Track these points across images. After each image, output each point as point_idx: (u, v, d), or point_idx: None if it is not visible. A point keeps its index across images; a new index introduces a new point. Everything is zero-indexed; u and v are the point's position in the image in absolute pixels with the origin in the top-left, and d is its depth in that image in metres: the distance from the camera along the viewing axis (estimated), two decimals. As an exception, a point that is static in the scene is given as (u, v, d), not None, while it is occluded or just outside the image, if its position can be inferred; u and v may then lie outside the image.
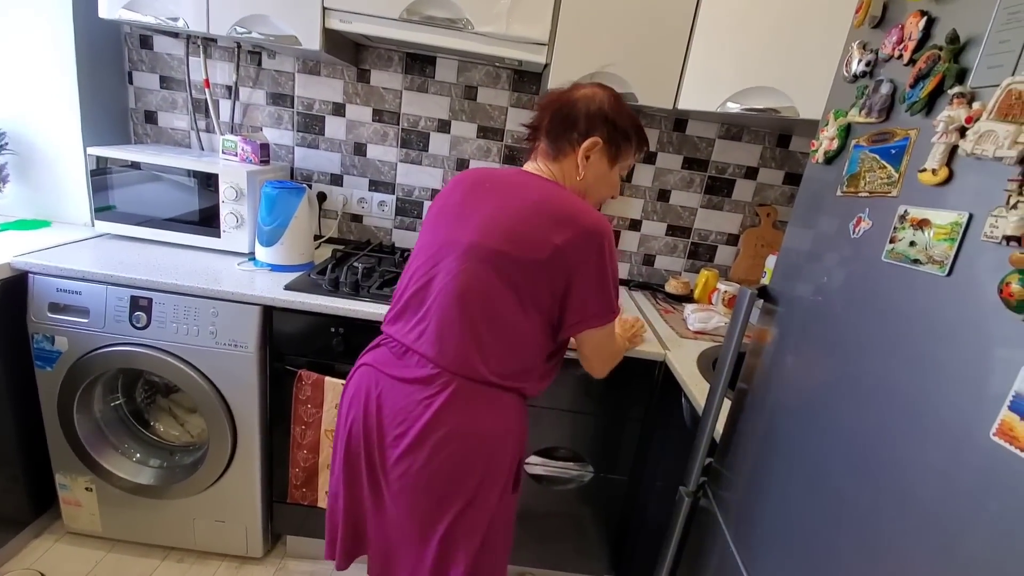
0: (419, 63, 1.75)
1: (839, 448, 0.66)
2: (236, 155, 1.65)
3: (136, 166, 1.51)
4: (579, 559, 1.59)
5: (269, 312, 1.34)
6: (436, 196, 1.03)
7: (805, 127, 1.57)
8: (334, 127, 1.82)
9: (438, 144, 1.83)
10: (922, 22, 0.62)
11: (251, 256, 1.57)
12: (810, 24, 1.28)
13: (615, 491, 1.50)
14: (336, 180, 1.87)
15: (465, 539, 0.91)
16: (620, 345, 1.11)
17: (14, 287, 1.31)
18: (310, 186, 1.86)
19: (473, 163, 1.85)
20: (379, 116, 1.81)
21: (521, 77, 1.77)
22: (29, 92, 1.56)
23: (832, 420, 0.68)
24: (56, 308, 1.32)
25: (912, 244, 0.58)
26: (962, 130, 0.54)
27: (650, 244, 1.93)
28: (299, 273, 1.50)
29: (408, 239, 1.92)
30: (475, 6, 1.37)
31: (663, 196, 1.88)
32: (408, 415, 0.87)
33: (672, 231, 1.91)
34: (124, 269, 1.33)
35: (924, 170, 0.58)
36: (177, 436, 1.58)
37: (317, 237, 1.84)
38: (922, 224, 0.57)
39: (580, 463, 1.48)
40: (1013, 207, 0.47)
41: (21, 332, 1.34)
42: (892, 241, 0.61)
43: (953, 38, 0.57)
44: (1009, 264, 0.47)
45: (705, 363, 1.29)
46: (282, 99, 1.79)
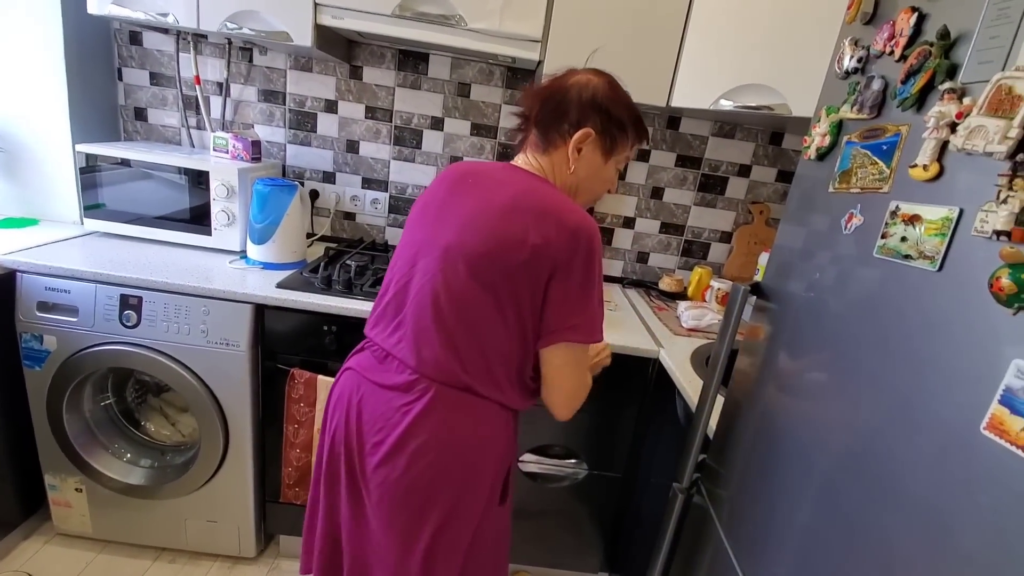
0: (412, 60, 1.74)
1: (831, 443, 0.66)
2: (227, 152, 1.63)
3: (126, 163, 1.49)
4: (574, 556, 1.59)
5: (261, 310, 1.33)
6: (422, 192, 0.96)
7: (798, 124, 1.58)
8: (326, 124, 1.81)
9: (431, 141, 1.82)
10: (913, 18, 0.63)
11: (243, 254, 1.56)
12: (803, 21, 1.28)
13: (609, 488, 1.51)
14: (328, 177, 1.86)
15: (448, 554, 0.86)
16: (588, 380, 0.91)
17: (2, 286, 1.29)
18: (302, 183, 1.85)
19: (466, 160, 1.85)
20: (372, 113, 1.80)
21: (515, 74, 1.76)
22: (17, 88, 1.54)
23: (824, 415, 0.68)
24: (45, 307, 1.30)
25: (903, 239, 0.58)
26: (953, 125, 0.54)
27: (644, 242, 1.93)
28: (291, 271, 1.49)
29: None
30: (468, 3, 1.36)
31: (657, 194, 1.88)
32: (387, 422, 0.83)
33: (666, 229, 1.92)
34: (114, 267, 1.32)
35: (915, 166, 0.58)
36: (168, 436, 1.57)
37: (309, 235, 1.83)
38: (913, 219, 0.58)
39: (574, 460, 1.48)
40: (1003, 202, 0.47)
41: (9, 331, 1.32)
42: (884, 237, 0.62)
43: (944, 34, 0.58)
44: (999, 258, 0.47)
45: (698, 360, 1.29)
46: (274, 96, 1.78)
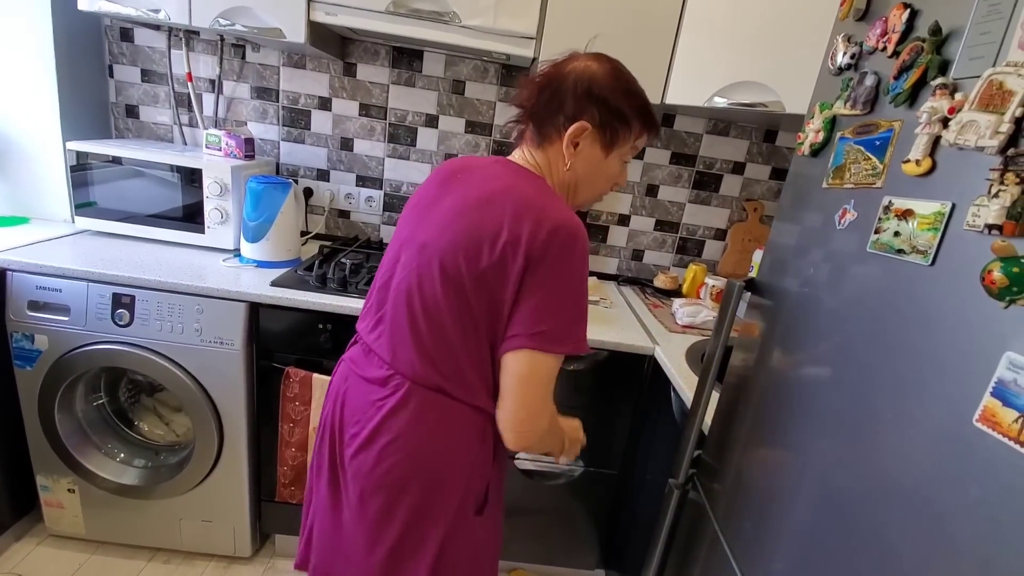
0: (406, 57, 1.74)
1: (825, 437, 0.67)
2: (220, 150, 1.62)
3: (117, 161, 1.48)
4: (570, 553, 1.59)
5: (255, 309, 1.32)
6: (416, 189, 0.94)
7: (791, 122, 1.59)
8: (320, 121, 1.80)
9: (426, 139, 1.82)
10: (905, 14, 0.63)
11: (236, 252, 1.55)
12: (796, 19, 1.29)
13: (605, 485, 1.51)
14: (323, 175, 1.85)
15: (413, 556, 0.84)
16: (550, 404, 0.82)
17: (-9, 285, 1.28)
18: (296, 181, 1.84)
19: (462, 156, 1.84)
20: (366, 110, 1.79)
21: (509, 71, 1.76)
22: (6, 85, 1.52)
23: (818, 410, 0.69)
24: (35, 306, 1.29)
25: (896, 234, 0.59)
26: (945, 121, 0.54)
27: (639, 239, 1.94)
28: (286, 269, 1.48)
29: (396, 235, 1.91)
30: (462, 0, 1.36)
31: (651, 191, 1.88)
32: (363, 415, 0.83)
33: (660, 226, 1.92)
34: (106, 266, 1.30)
35: (908, 161, 0.58)
36: (162, 435, 1.56)
37: (304, 233, 1.82)
38: (906, 214, 0.58)
39: (570, 458, 1.49)
40: (995, 196, 0.48)
41: (-1, 331, 1.31)
42: (877, 232, 0.62)
43: (936, 30, 0.58)
44: (991, 252, 0.47)
45: (693, 357, 1.30)
46: (267, 93, 1.77)
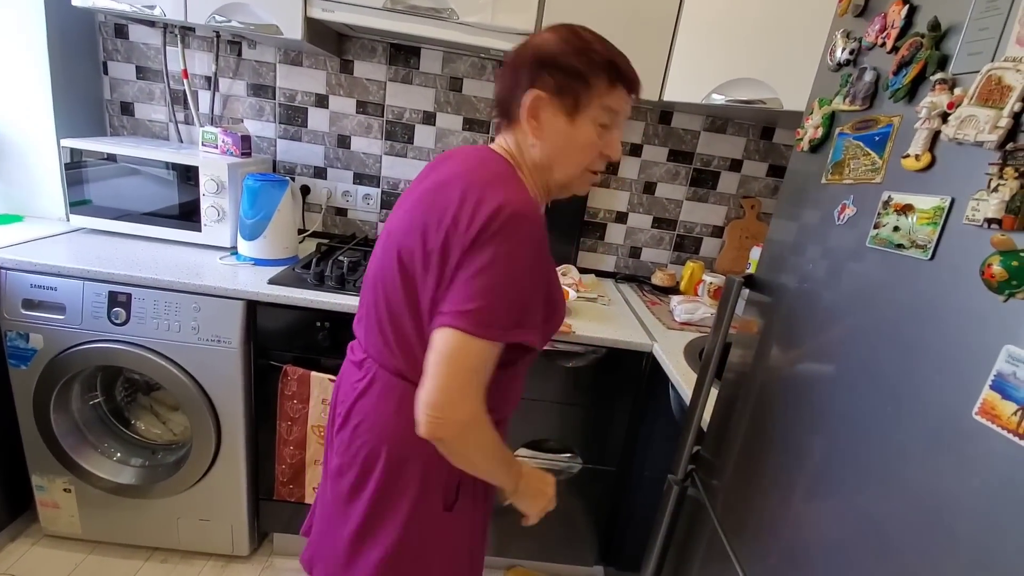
0: (403, 54, 1.73)
1: (825, 432, 0.67)
2: (216, 147, 1.61)
3: (112, 159, 1.47)
4: (569, 550, 1.59)
5: (253, 307, 1.32)
6: None
7: (789, 119, 1.59)
8: (317, 119, 1.79)
9: (423, 136, 1.82)
10: (904, 10, 0.63)
11: (233, 250, 1.54)
12: (794, 16, 1.29)
13: (604, 482, 1.51)
14: (320, 173, 1.84)
15: (373, 539, 0.83)
16: (471, 396, 0.70)
17: (-15, 283, 1.27)
18: (293, 179, 1.83)
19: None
20: (363, 108, 1.78)
21: (507, 69, 1.76)
22: (-2, 82, 1.51)
23: (818, 404, 0.69)
24: (30, 304, 1.28)
25: (896, 229, 0.59)
26: (944, 116, 0.54)
27: (636, 237, 1.94)
28: (283, 267, 1.47)
29: (394, 233, 1.90)
30: (460, -4, 1.36)
31: (649, 189, 1.88)
32: (346, 396, 0.86)
33: (658, 223, 1.92)
34: (101, 264, 1.30)
35: (907, 156, 0.59)
36: (159, 434, 1.55)
37: (301, 231, 1.82)
38: (906, 209, 0.58)
39: (569, 454, 1.49)
40: (994, 190, 0.48)
41: (-7, 330, 1.30)
42: (876, 227, 0.62)
43: (934, 25, 0.58)
44: (990, 246, 0.48)
45: (691, 353, 1.30)
46: (263, 90, 1.76)
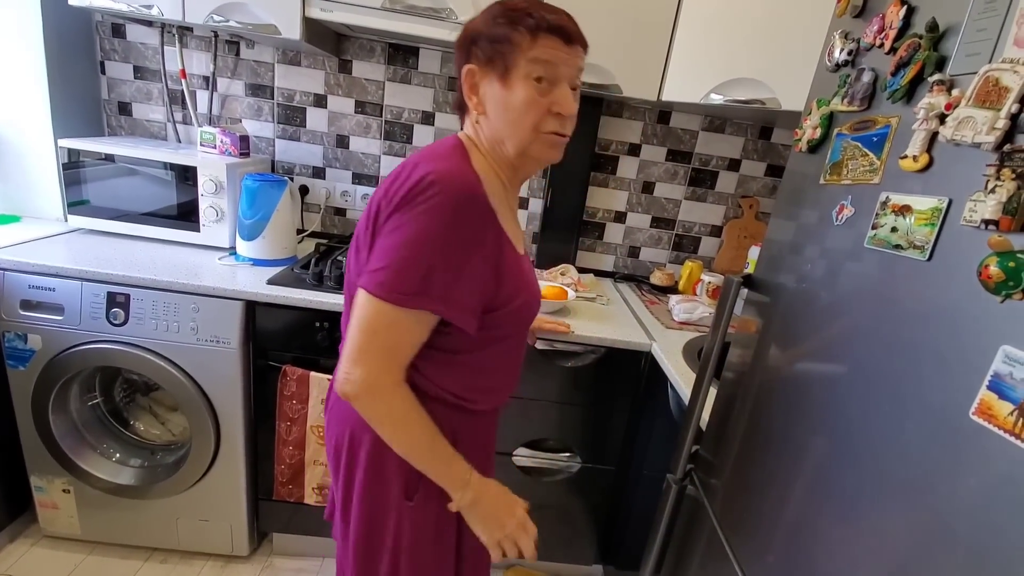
0: (402, 54, 1.73)
1: (823, 431, 0.67)
2: (215, 147, 1.61)
3: (110, 159, 1.47)
4: (568, 549, 1.60)
5: (252, 307, 1.32)
6: None
7: (787, 119, 1.59)
8: (316, 119, 1.79)
9: (422, 136, 1.81)
10: (902, 11, 0.63)
11: (232, 250, 1.54)
12: (792, 16, 1.29)
13: (603, 481, 1.52)
14: (318, 173, 1.84)
15: (347, 523, 0.85)
16: (374, 358, 0.70)
17: (-17, 284, 1.27)
18: (292, 179, 1.83)
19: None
20: (362, 108, 1.78)
21: (505, 69, 1.75)
22: (-5, 82, 1.51)
23: (816, 404, 0.69)
24: (28, 305, 1.28)
25: (894, 230, 0.59)
26: (942, 117, 0.55)
27: (635, 236, 1.94)
28: (282, 267, 1.47)
29: (393, 233, 1.90)
30: (458, -4, 1.36)
31: (647, 188, 1.89)
32: (331, 387, 0.87)
33: (656, 223, 1.93)
34: (100, 264, 1.29)
35: (905, 157, 0.59)
36: (158, 435, 1.55)
37: (300, 231, 1.81)
38: (903, 210, 0.58)
39: (568, 454, 1.49)
40: (991, 191, 0.48)
41: (-8, 330, 1.30)
42: (874, 227, 0.62)
43: (932, 26, 0.58)
44: (987, 247, 0.48)
45: (690, 353, 1.30)
46: (261, 90, 1.76)
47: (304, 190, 1.84)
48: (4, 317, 1.28)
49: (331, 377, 1.27)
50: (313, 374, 1.32)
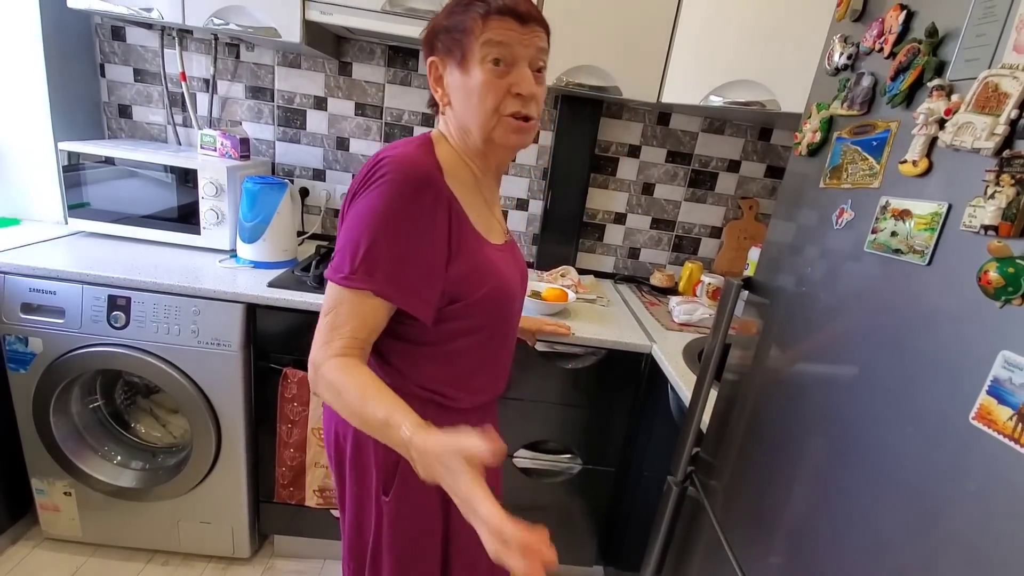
0: (402, 56, 1.73)
1: (823, 435, 0.67)
2: (215, 150, 1.61)
3: (110, 162, 1.47)
4: (569, 550, 1.60)
5: (252, 310, 1.32)
6: None
7: (786, 120, 1.59)
8: (316, 121, 1.79)
9: (422, 138, 1.81)
10: (902, 16, 0.63)
11: (233, 253, 1.54)
12: (792, 18, 1.29)
13: (604, 482, 1.52)
14: (319, 175, 1.84)
15: (343, 516, 0.88)
16: (326, 334, 0.72)
17: (-16, 287, 1.27)
18: (292, 181, 1.83)
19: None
20: (362, 110, 1.78)
21: (505, 70, 1.76)
22: (-5, 85, 1.51)
23: (816, 407, 0.69)
24: (29, 308, 1.28)
25: (893, 234, 0.60)
26: (941, 122, 0.55)
27: (635, 237, 1.94)
28: (282, 270, 1.47)
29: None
30: (458, -2, 1.36)
31: (647, 189, 1.89)
32: None
33: (656, 224, 1.93)
34: (100, 267, 1.29)
35: (905, 161, 0.59)
36: (159, 437, 1.55)
37: (300, 233, 1.81)
38: (903, 215, 0.59)
39: (569, 455, 1.49)
40: (991, 197, 0.48)
41: (-7, 334, 1.30)
42: (874, 232, 0.63)
43: (932, 32, 0.59)
44: (987, 252, 0.48)
45: (690, 354, 1.31)
46: (262, 92, 1.76)
47: (304, 192, 1.84)
48: (5, 320, 1.29)
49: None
50: (314, 376, 1.33)
